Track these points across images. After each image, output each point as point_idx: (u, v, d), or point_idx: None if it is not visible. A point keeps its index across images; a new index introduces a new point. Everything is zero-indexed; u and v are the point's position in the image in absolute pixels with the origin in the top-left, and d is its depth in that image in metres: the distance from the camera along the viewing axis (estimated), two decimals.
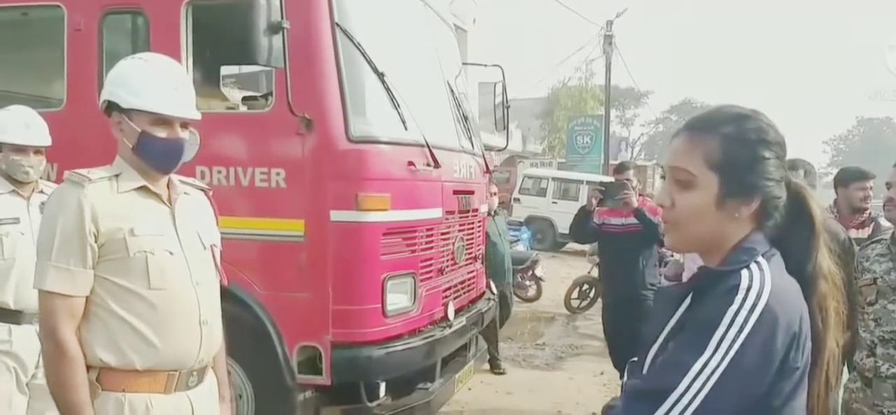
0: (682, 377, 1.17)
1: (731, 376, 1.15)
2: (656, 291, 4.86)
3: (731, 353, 1.15)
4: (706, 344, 1.17)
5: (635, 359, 1.43)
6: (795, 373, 1.22)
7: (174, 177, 2.19)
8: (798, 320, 1.21)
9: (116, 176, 2.06)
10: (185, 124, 2.12)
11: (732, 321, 1.17)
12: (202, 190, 2.34)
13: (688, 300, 1.32)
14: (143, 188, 2.08)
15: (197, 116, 2.15)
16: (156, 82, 2.06)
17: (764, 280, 1.21)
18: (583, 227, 5.55)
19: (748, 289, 1.19)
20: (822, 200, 1.46)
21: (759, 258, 1.26)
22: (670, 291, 1.44)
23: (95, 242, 1.96)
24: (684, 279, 4.70)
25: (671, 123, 53.76)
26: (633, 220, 5.27)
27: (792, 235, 1.32)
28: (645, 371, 1.34)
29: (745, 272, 1.22)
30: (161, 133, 2.05)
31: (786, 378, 1.20)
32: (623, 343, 5.19)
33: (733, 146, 1.29)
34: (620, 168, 5.67)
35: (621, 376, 5.13)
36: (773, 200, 1.30)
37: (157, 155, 2.07)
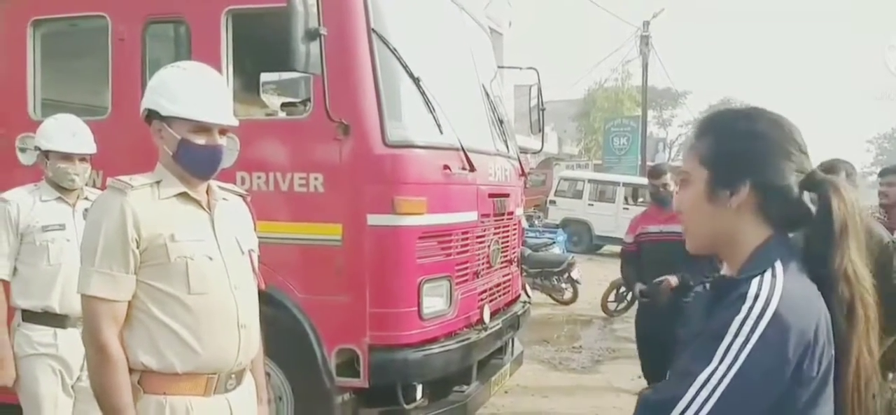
0: (688, 387, 1.16)
1: (737, 386, 1.14)
2: (694, 295, 4.71)
3: (738, 363, 1.14)
4: (713, 354, 1.16)
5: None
6: (812, 382, 1.19)
7: (213, 183, 2.23)
8: (813, 328, 1.19)
9: (157, 183, 2.11)
10: (223, 131, 2.15)
11: (738, 330, 1.16)
12: (241, 196, 2.38)
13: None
14: (183, 195, 2.12)
15: (234, 122, 2.19)
16: (194, 90, 2.10)
17: (774, 287, 1.19)
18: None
19: (756, 297, 1.18)
20: (865, 200, 1.41)
21: (776, 264, 1.23)
22: (704, 296, 1.43)
23: (137, 247, 2.01)
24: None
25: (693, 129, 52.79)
26: (673, 227, 4.78)
27: (817, 235, 1.29)
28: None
29: (754, 280, 1.21)
30: (200, 140, 2.09)
31: (801, 387, 1.18)
32: (655, 354, 5.08)
33: (722, 139, 1.33)
34: (655, 172, 5.31)
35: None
36: (769, 189, 1.28)
37: (196, 161, 2.11)
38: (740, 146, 1.31)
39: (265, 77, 4.76)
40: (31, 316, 3.27)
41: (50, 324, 3.27)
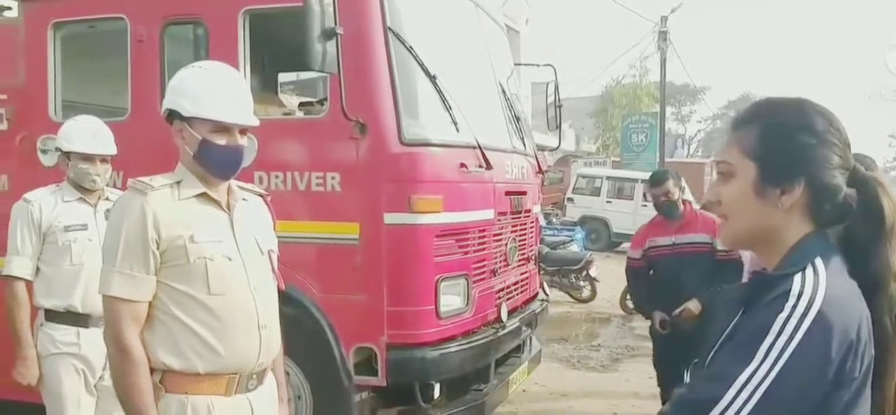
0: (727, 389, 1.13)
1: (780, 387, 1.11)
2: (719, 293, 4.16)
3: (780, 363, 1.11)
4: (754, 354, 1.13)
5: (697, 361, 1.38)
6: (854, 382, 1.16)
7: (233, 183, 2.24)
8: (856, 327, 1.15)
9: (178, 183, 2.12)
10: (243, 131, 2.16)
11: (781, 329, 1.12)
12: (261, 196, 2.39)
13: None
14: (202, 195, 2.13)
15: (255, 122, 2.19)
16: (215, 90, 2.11)
17: (817, 285, 1.16)
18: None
19: (799, 295, 1.14)
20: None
21: (816, 260, 1.20)
22: (731, 293, 1.38)
23: (157, 248, 2.02)
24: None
25: (729, 119, 52.44)
26: (687, 237, 4.49)
27: (860, 232, 1.25)
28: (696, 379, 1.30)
29: (797, 277, 1.17)
30: (221, 140, 2.10)
31: (843, 388, 1.15)
32: (675, 374, 4.21)
33: (771, 133, 1.26)
34: (656, 180, 4.70)
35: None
36: (822, 188, 1.23)
37: (217, 161, 2.12)
38: (793, 141, 1.24)
39: (283, 77, 4.79)
40: (53, 316, 3.31)
41: (73, 323, 3.30)
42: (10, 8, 5.16)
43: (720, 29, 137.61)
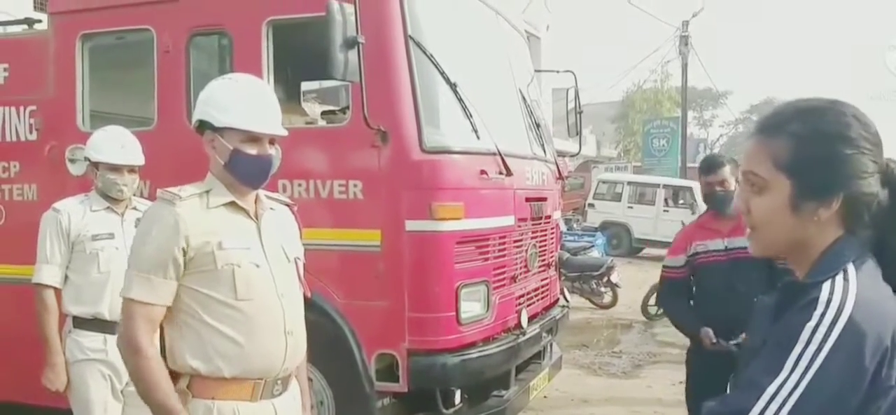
0: (756, 400, 1.09)
1: (811, 397, 1.07)
2: (757, 301, 3.63)
3: (811, 372, 1.07)
4: (783, 363, 1.09)
5: (734, 375, 1.36)
6: (891, 391, 1.11)
7: (261, 192, 2.28)
8: (890, 333, 1.11)
9: (207, 192, 2.16)
10: (272, 140, 2.20)
11: (811, 338, 1.09)
12: (287, 205, 2.42)
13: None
14: (231, 204, 2.17)
15: (284, 132, 2.23)
16: (246, 101, 2.15)
17: (847, 291, 1.12)
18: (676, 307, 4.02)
19: (828, 302, 1.11)
20: None
21: (848, 266, 1.16)
22: (769, 302, 1.31)
23: (184, 256, 2.06)
24: None
25: (752, 124, 51.86)
26: (741, 240, 3.50)
27: (894, 234, 1.21)
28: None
29: (826, 284, 1.13)
30: (251, 150, 2.13)
31: (880, 398, 1.10)
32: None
33: (804, 145, 1.19)
34: (710, 166, 3.87)
35: None
36: (861, 198, 1.18)
37: (248, 171, 2.15)
38: (829, 154, 1.18)
39: (305, 86, 4.83)
40: (81, 323, 3.36)
41: (100, 330, 3.35)
42: (39, 20, 5.26)
43: (742, 33, 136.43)
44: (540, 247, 4.82)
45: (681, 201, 19.17)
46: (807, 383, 1.08)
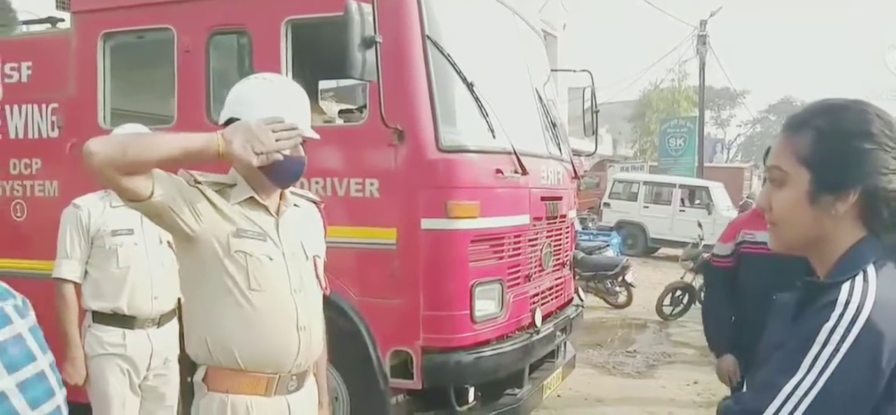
0: (772, 400, 1.10)
1: (826, 398, 1.08)
2: (774, 302, 3.54)
3: (827, 373, 1.08)
4: (799, 364, 1.10)
5: (751, 373, 1.37)
6: None
7: (288, 189, 2.28)
8: None
9: (228, 187, 2.16)
10: (303, 141, 2.18)
11: (827, 339, 1.09)
12: (314, 202, 2.42)
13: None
14: (250, 199, 2.17)
15: (315, 135, 2.22)
16: (279, 101, 2.14)
17: (866, 293, 1.12)
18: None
19: (846, 303, 1.11)
20: None
21: (868, 268, 1.16)
22: (788, 302, 1.31)
23: (197, 217, 2.04)
24: None
25: (769, 124, 51.59)
26: None
27: None
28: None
29: (845, 285, 1.14)
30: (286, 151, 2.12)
31: (895, 400, 1.11)
32: None
33: (825, 139, 1.21)
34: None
35: None
36: (880, 194, 1.18)
37: (281, 171, 2.14)
38: (847, 147, 1.20)
39: (323, 84, 4.85)
40: (101, 317, 3.39)
41: (119, 325, 3.38)
42: (62, 19, 5.34)
43: (760, 32, 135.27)
44: (555, 246, 4.83)
45: (697, 201, 19.06)
46: (823, 384, 1.08)
